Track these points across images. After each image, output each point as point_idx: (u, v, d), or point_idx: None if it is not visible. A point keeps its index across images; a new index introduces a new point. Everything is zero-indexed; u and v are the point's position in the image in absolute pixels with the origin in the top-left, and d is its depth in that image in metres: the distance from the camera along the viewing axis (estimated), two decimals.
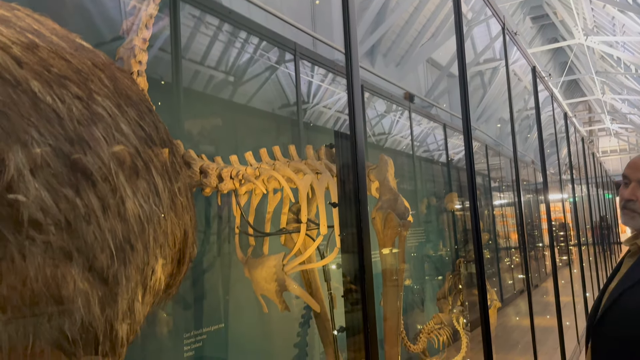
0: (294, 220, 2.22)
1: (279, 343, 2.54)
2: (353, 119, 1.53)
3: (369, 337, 1.65)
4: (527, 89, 10.10)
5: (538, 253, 9.58)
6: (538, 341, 4.48)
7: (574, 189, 9.78)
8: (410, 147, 5.59)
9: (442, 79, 9.43)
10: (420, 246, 4.81)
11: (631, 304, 1.47)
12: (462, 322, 3.36)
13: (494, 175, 8.66)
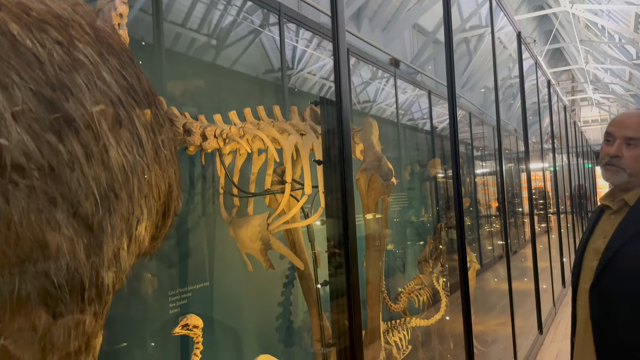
0: (278, 182, 2.23)
1: (263, 301, 2.59)
2: (339, 76, 1.53)
3: (352, 297, 1.69)
4: (512, 57, 10.09)
5: (518, 220, 9.79)
6: (515, 304, 4.63)
7: (555, 158, 9.94)
8: (395, 115, 5.59)
9: (428, 45, 9.36)
10: (404, 211, 4.87)
11: (629, 260, 1.53)
12: (442, 283, 3.44)
13: (477, 144, 8.74)
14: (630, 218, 1.58)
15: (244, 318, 2.45)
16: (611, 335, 1.54)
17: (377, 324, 2.68)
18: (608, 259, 1.57)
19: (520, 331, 4.72)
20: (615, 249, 1.57)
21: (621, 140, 1.58)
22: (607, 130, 1.64)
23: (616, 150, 1.58)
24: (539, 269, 5.85)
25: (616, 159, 1.59)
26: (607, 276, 1.56)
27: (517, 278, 5.37)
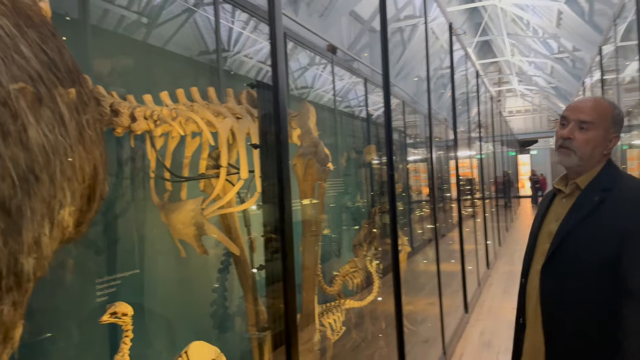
0: (213, 166, 2.18)
1: (197, 288, 2.54)
2: (275, 59, 1.51)
3: (287, 281, 1.70)
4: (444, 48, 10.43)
5: (446, 205, 10.20)
6: (443, 284, 4.85)
7: (481, 146, 10.43)
8: (332, 101, 5.63)
9: (364, 33, 9.47)
10: (339, 196, 4.94)
11: (580, 242, 1.57)
12: (375, 265, 3.54)
13: (410, 132, 8.98)
14: (581, 201, 1.61)
15: (177, 305, 2.40)
16: (560, 315, 1.58)
17: (312, 308, 2.71)
18: (559, 242, 1.61)
19: (448, 310, 4.96)
20: (566, 231, 1.60)
21: (574, 123, 1.62)
22: (562, 114, 1.68)
23: (569, 133, 1.62)
24: (465, 251, 6.15)
25: (568, 141, 1.62)
26: (558, 258, 1.60)
27: (445, 260, 5.61)
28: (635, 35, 4.33)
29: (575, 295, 1.56)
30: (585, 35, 11.80)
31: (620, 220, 1.50)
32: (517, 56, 19.12)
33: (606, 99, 1.69)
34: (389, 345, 3.63)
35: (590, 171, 1.63)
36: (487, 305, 6.46)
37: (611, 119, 1.62)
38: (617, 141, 1.64)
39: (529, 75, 21.61)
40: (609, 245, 1.50)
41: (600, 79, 7.43)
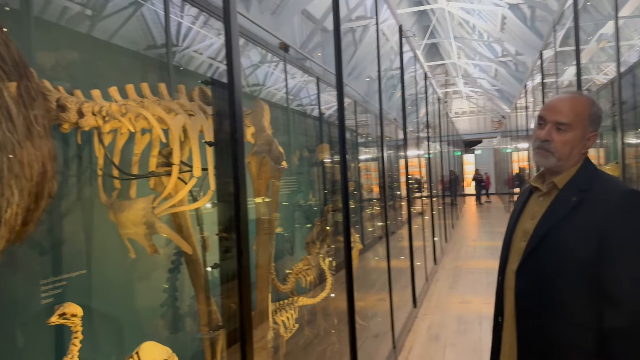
0: (164, 164, 2.14)
1: (147, 288, 2.49)
2: (230, 56, 1.50)
3: (242, 280, 1.70)
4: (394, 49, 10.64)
5: (396, 203, 10.42)
6: (393, 280, 4.96)
7: (429, 146, 10.72)
8: (284, 99, 5.62)
9: (316, 33, 9.51)
10: (293, 195, 4.95)
11: (556, 243, 1.53)
12: (328, 263, 3.57)
13: (361, 131, 9.10)
14: (558, 201, 1.58)
15: (127, 306, 2.34)
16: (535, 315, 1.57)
17: (265, 306, 2.71)
18: (536, 241, 1.58)
19: (397, 305, 5.08)
20: (543, 231, 1.57)
21: (552, 125, 1.58)
22: (540, 114, 1.64)
23: (546, 135, 1.59)
24: (414, 248, 6.32)
25: (546, 143, 1.59)
26: (534, 259, 1.57)
27: (395, 257, 5.74)
28: (573, 41, 4.59)
29: (551, 297, 1.54)
30: (528, 40, 12.36)
31: (597, 222, 1.48)
32: (463, 59, 19.76)
33: (584, 95, 1.66)
34: (341, 341, 3.68)
35: (568, 170, 1.61)
36: (434, 300, 6.66)
37: (589, 117, 1.58)
38: (595, 139, 1.61)
39: (474, 78, 22.38)
40: (586, 247, 1.48)
41: (541, 82, 7.80)
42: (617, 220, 1.46)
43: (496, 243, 11.30)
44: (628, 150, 4.25)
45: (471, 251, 10.65)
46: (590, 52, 11.48)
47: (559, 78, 8.60)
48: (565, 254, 1.52)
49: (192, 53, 4.05)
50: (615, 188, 1.56)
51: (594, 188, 1.54)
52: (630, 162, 4.33)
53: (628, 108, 4.35)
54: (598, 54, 12.18)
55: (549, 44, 7.01)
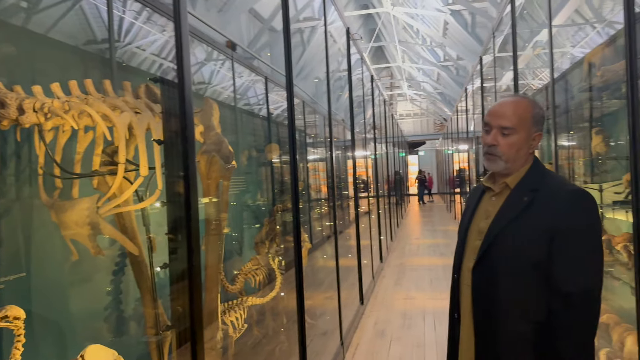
0: (108, 163, 2.08)
1: (91, 291, 2.41)
2: (180, 53, 1.49)
3: (193, 280, 1.68)
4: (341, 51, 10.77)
5: (344, 203, 10.56)
6: (341, 279, 5.03)
7: (376, 147, 10.93)
8: (232, 98, 5.57)
9: (264, 32, 9.47)
10: (241, 195, 4.92)
11: (511, 242, 1.59)
12: (277, 262, 3.58)
13: (310, 132, 9.16)
14: (511, 201, 1.64)
15: (70, 309, 2.25)
16: (491, 312, 1.61)
17: (214, 306, 2.69)
18: (491, 240, 1.62)
19: (345, 303, 5.15)
20: (498, 229, 1.62)
21: (497, 130, 1.64)
22: (485, 120, 1.69)
23: (492, 140, 1.64)
24: (361, 246, 6.44)
25: (494, 148, 1.64)
26: (490, 257, 1.62)
27: (342, 255, 5.82)
28: (511, 47, 4.82)
29: (506, 293, 1.59)
30: (468, 46, 12.85)
31: (548, 220, 1.54)
32: (407, 62, 20.26)
33: (527, 97, 1.71)
34: (290, 340, 3.70)
35: (519, 171, 1.66)
36: (380, 296, 6.81)
37: (532, 119, 1.64)
38: (540, 139, 1.67)
39: (418, 81, 22.99)
40: (539, 244, 1.54)
41: (480, 87, 8.14)
42: (565, 218, 1.53)
43: (438, 241, 11.68)
44: (561, 151, 4.53)
45: (415, 249, 10.95)
46: (526, 58, 12.10)
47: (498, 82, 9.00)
48: (518, 251, 1.58)
49: (134, 49, 3.94)
50: (564, 188, 1.63)
51: (544, 188, 1.61)
52: (562, 163, 4.61)
53: (561, 112, 4.63)
54: (534, 60, 12.86)
55: (488, 50, 7.34)
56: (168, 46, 4.11)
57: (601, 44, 4.35)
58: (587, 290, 1.52)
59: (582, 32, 11.89)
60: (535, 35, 11.05)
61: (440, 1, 12.09)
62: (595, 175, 4.01)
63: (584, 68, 4.02)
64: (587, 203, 1.57)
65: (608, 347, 3.21)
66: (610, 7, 9.97)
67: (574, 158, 4.61)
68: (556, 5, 9.53)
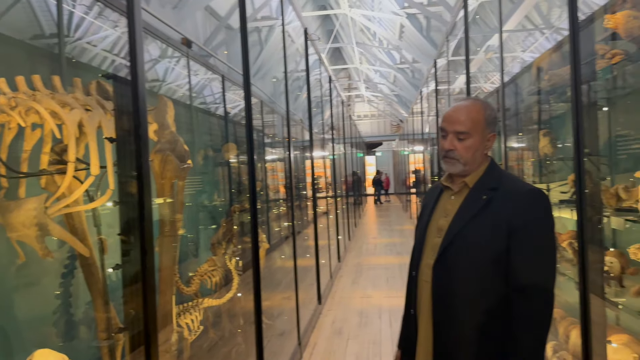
0: (57, 161, 2.00)
1: (38, 294, 2.31)
2: (134, 49, 1.46)
3: (147, 282, 1.65)
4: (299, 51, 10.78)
5: (302, 203, 10.57)
6: (299, 279, 5.04)
7: (334, 147, 11.00)
8: (187, 96, 5.47)
9: (220, 30, 9.36)
10: (197, 195, 4.84)
11: (470, 239, 1.64)
12: (234, 263, 3.55)
13: (268, 132, 9.11)
14: (470, 200, 1.70)
15: (16, 314, 2.16)
16: (451, 308, 1.66)
17: (169, 309, 2.64)
18: (451, 237, 1.67)
19: (303, 303, 5.16)
20: (458, 227, 1.67)
21: (453, 135, 1.70)
22: (441, 126, 1.75)
23: (449, 145, 1.71)
24: (319, 246, 6.46)
25: (451, 152, 1.71)
26: (450, 254, 1.67)
27: (300, 255, 5.83)
28: (464, 51, 4.96)
29: (466, 289, 1.64)
30: (423, 49, 13.13)
31: (506, 218, 1.59)
32: (364, 64, 20.49)
33: (479, 100, 1.77)
34: (247, 341, 3.67)
35: (477, 171, 1.73)
36: (338, 295, 6.86)
37: (484, 121, 1.70)
38: (494, 139, 1.74)
39: (375, 83, 23.29)
40: (497, 241, 1.59)
41: (435, 89, 8.33)
42: (523, 216, 1.59)
43: (394, 240, 11.88)
44: (511, 152, 4.70)
45: (372, 248, 11.09)
46: (479, 62, 12.47)
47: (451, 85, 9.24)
48: (478, 248, 1.63)
49: (85, 45, 3.82)
50: (521, 187, 1.70)
51: (502, 187, 1.67)
52: (512, 164, 4.79)
53: (511, 114, 4.80)
54: (486, 64, 13.27)
55: (443, 53, 7.52)
56: (121, 42, 4.00)
57: (549, 49, 4.55)
58: (543, 283, 1.59)
59: (531, 38, 12.39)
60: (487, 40, 11.42)
61: (397, 4, 12.29)
62: (543, 176, 4.18)
63: (533, 72, 4.18)
64: (543, 202, 1.65)
65: (554, 340, 3.36)
66: (558, 14, 10.40)
67: (524, 159, 4.80)
68: (507, 11, 9.87)
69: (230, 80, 6.65)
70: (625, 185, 2.65)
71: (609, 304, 2.63)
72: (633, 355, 2.58)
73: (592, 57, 2.67)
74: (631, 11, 2.38)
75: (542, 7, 10.87)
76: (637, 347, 2.59)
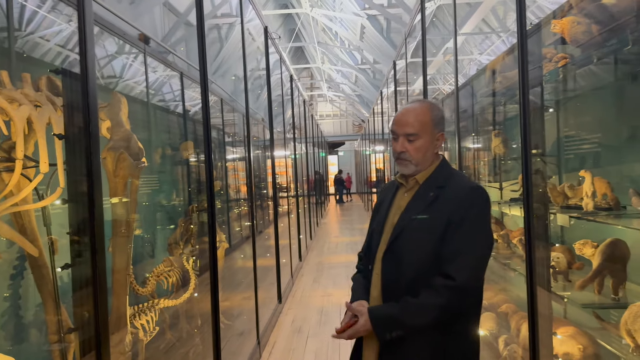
0: (5, 159, 1.93)
1: None
2: (84, 45, 1.42)
3: (98, 284, 1.61)
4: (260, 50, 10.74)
5: (264, 203, 10.53)
6: (259, 278, 5.02)
7: (295, 147, 11.00)
8: (144, 94, 5.35)
9: (179, 26, 9.21)
10: (154, 195, 4.75)
11: (415, 233, 1.73)
12: (192, 263, 3.51)
13: (228, 130, 9.02)
14: (419, 196, 1.80)
15: None
16: (396, 294, 1.73)
17: (123, 311, 2.58)
18: (398, 231, 1.77)
19: (263, 302, 5.15)
20: (405, 222, 1.77)
21: (403, 137, 1.80)
22: (392, 129, 1.85)
23: (401, 147, 1.80)
24: (280, 246, 6.46)
25: (403, 154, 1.80)
26: (397, 245, 1.77)
27: (261, 255, 5.81)
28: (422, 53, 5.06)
29: (411, 277, 1.72)
30: (384, 50, 13.31)
31: (448, 212, 1.70)
32: (326, 64, 20.58)
33: (426, 101, 1.88)
34: (204, 342, 3.63)
35: (428, 169, 1.83)
36: (298, 294, 6.88)
37: (432, 122, 1.80)
38: (443, 138, 1.83)
39: (337, 83, 23.43)
40: (439, 235, 1.69)
41: (395, 91, 8.46)
42: (460, 210, 1.69)
43: (356, 239, 11.99)
44: (467, 153, 4.83)
45: (333, 247, 11.17)
46: (438, 64, 12.74)
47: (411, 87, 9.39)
48: (421, 241, 1.73)
49: (37, 39, 3.69)
50: (464, 185, 1.80)
51: (449, 185, 1.77)
52: (468, 164, 4.92)
53: (467, 115, 4.93)
54: (445, 66, 13.57)
55: (402, 55, 7.64)
56: (75, 37, 3.88)
57: (503, 53, 4.70)
58: (471, 276, 1.68)
59: (488, 41, 12.75)
60: (446, 42, 11.68)
61: (357, 5, 12.40)
62: (496, 175, 4.32)
63: (487, 74, 4.32)
64: (480, 196, 1.75)
65: (506, 333, 3.48)
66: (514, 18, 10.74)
67: (479, 159, 4.95)
68: (464, 14, 10.11)
69: (189, 77, 6.55)
70: (571, 183, 2.78)
71: (556, 298, 2.75)
72: (578, 347, 2.70)
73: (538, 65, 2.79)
74: (575, 17, 2.49)
75: (499, 11, 11.21)
76: (582, 339, 2.71)
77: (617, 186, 2.62)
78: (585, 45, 2.50)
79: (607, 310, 2.50)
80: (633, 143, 2.65)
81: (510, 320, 3.46)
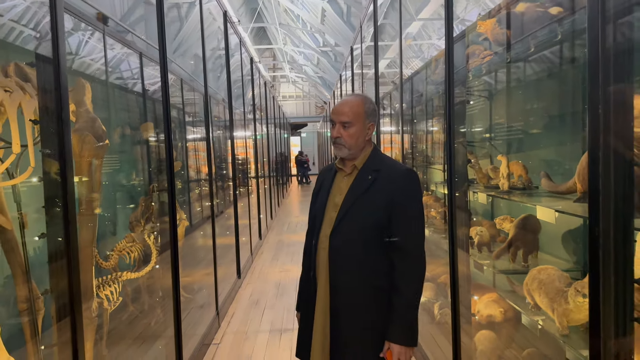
0: None
1: None
2: (56, 32, 1.60)
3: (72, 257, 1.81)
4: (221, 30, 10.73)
5: (224, 184, 10.65)
6: (220, 255, 5.25)
7: (256, 128, 11.13)
8: (102, 72, 5.39)
9: (139, 5, 9.13)
10: (115, 174, 4.86)
11: (359, 212, 2.03)
12: (153, 238, 3.70)
13: (188, 110, 9.05)
14: (359, 180, 2.07)
15: None
16: (345, 269, 2.03)
17: (90, 282, 2.77)
18: (344, 211, 2.04)
19: (223, 278, 5.39)
20: (350, 203, 2.04)
21: (339, 125, 2.07)
22: (330, 118, 2.11)
23: (337, 133, 2.08)
24: (240, 225, 6.68)
25: (338, 139, 2.08)
26: (343, 225, 2.04)
27: (222, 234, 6.02)
28: (381, 38, 5.31)
29: (356, 252, 2.02)
30: (344, 34, 13.50)
31: (387, 193, 1.98)
32: (289, 45, 20.58)
33: (361, 95, 2.14)
34: (166, 314, 3.85)
35: (363, 155, 2.11)
36: (257, 270, 7.15)
37: (364, 113, 2.07)
38: (374, 128, 2.11)
39: (300, 64, 23.45)
40: (381, 213, 1.98)
41: (351, 75, 8.71)
42: (400, 192, 1.99)
43: None
44: (412, 138, 5.15)
45: (293, 226, 11.46)
46: (397, 48, 13.01)
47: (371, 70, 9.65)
48: (366, 219, 2.01)
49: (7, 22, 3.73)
50: (399, 168, 2.08)
51: (384, 168, 2.06)
52: (410, 149, 5.24)
53: (416, 104, 5.24)
54: (405, 50, 13.86)
55: (359, 40, 7.88)
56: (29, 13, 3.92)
57: None
58: (418, 244, 2.04)
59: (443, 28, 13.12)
60: (406, 27, 11.95)
61: None
62: (440, 158, 4.67)
63: (432, 65, 4.63)
64: (416, 179, 2.08)
65: (443, 299, 3.86)
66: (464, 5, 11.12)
67: (427, 142, 5.28)
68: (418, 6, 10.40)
69: (148, 57, 6.58)
70: (494, 166, 3.14)
71: (479, 266, 3.12)
72: (499, 310, 3.09)
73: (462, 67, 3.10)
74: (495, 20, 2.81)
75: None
76: (503, 303, 3.10)
77: (535, 169, 2.98)
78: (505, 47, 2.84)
79: (522, 275, 2.88)
80: (548, 131, 3.01)
81: (446, 288, 3.84)
